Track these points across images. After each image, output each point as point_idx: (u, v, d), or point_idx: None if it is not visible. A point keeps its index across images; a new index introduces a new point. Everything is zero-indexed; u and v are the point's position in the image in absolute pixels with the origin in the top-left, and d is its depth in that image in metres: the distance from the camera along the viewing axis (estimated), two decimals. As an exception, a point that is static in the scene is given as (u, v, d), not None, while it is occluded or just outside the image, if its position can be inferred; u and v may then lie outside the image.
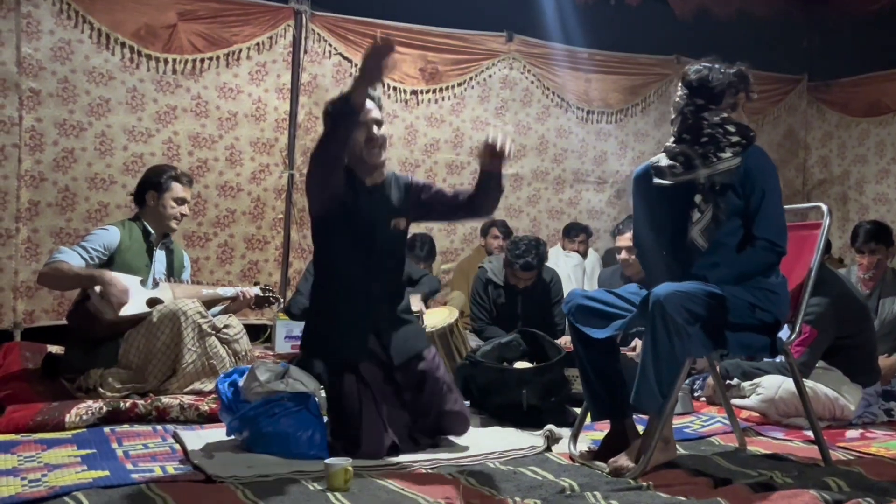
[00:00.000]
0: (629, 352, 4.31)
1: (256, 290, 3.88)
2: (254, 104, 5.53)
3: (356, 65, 5.49)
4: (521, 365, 3.48)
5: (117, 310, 3.34)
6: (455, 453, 2.76)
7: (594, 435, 3.02)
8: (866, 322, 3.53)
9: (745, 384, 3.60)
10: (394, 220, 2.89)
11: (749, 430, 3.23)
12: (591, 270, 5.86)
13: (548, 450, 2.84)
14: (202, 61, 5.35)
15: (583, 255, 5.93)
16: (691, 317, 2.48)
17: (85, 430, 2.96)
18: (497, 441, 2.95)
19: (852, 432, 3.31)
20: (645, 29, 6.69)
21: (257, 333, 5.39)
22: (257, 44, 5.49)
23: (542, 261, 4.53)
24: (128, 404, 3.14)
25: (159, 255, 3.69)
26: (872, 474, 2.51)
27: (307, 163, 2.83)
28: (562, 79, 6.50)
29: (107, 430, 2.97)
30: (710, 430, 3.23)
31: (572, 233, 6.01)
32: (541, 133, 6.51)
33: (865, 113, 7.01)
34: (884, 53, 6.73)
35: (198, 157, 5.39)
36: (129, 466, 2.48)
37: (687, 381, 3.78)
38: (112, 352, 3.39)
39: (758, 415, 3.46)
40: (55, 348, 4.04)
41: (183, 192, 3.68)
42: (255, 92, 5.53)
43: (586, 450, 2.81)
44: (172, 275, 3.72)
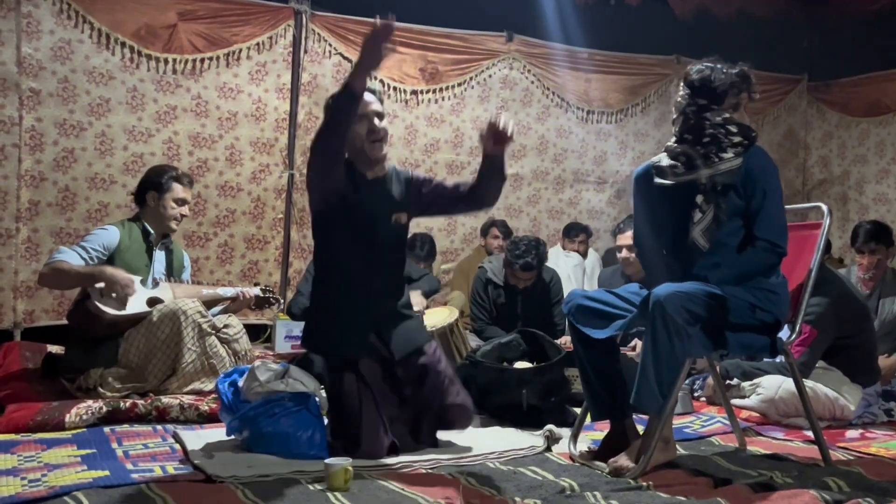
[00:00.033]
0: (629, 352, 4.31)
1: (257, 290, 3.88)
2: (254, 104, 5.53)
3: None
4: (521, 365, 3.48)
5: (124, 303, 3.33)
6: (455, 453, 2.76)
7: (594, 435, 3.02)
8: (866, 322, 3.53)
9: (745, 384, 3.60)
10: (395, 215, 2.88)
11: (749, 430, 3.23)
12: (591, 270, 5.86)
13: (548, 450, 2.84)
14: (202, 61, 5.35)
15: (583, 255, 5.92)
16: (691, 317, 2.48)
17: (85, 429, 2.96)
18: (497, 441, 2.95)
19: (852, 432, 3.31)
20: (645, 29, 6.69)
21: (257, 333, 5.39)
22: (257, 44, 5.49)
23: (541, 261, 4.53)
24: (128, 404, 3.14)
25: (159, 255, 3.69)
26: (872, 474, 2.51)
27: (308, 156, 2.80)
28: (562, 79, 6.50)
29: (107, 429, 2.97)
30: (710, 430, 3.23)
31: (572, 233, 6.01)
32: (541, 133, 6.51)
33: (865, 113, 7.01)
34: (884, 53, 6.73)
35: (198, 157, 5.39)
36: (129, 466, 2.48)
37: (687, 381, 3.78)
38: (112, 351, 3.38)
39: (758, 415, 3.46)
40: (55, 348, 4.04)
41: (183, 192, 3.68)
42: (256, 92, 5.53)
43: (586, 450, 2.81)
44: (172, 275, 3.72)
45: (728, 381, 3.63)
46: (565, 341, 4.15)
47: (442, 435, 2.90)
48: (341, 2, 5.67)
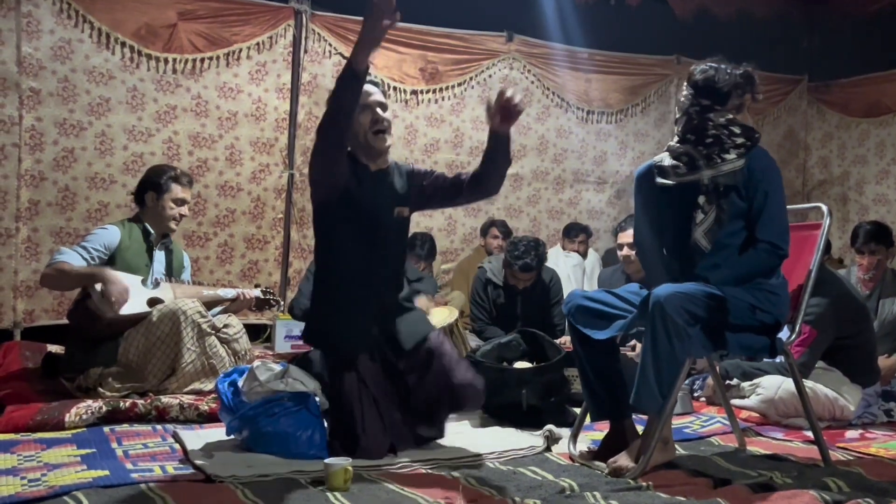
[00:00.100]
0: (629, 352, 4.30)
1: (257, 292, 3.88)
2: (254, 104, 5.53)
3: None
4: (520, 365, 3.48)
5: (117, 308, 3.33)
6: (455, 453, 2.76)
7: (594, 435, 3.02)
8: (866, 322, 3.53)
9: (744, 384, 3.60)
10: (397, 209, 2.87)
11: (749, 431, 3.23)
12: (591, 270, 5.86)
13: (547, 450, 2.84)
14: (202, 61, 5.36)
15: (583, 256, 5.92)
16: (691, 318, 2.48)
17: (84, 429, 2.96)
18: (497, 441, 2.95)
19: (852, 433, 3.31)
20: (645, 29, 6.69)
21: (257, 333, 5.39)
22: (257, 43, 5.49)
23: (541, 262, 4.53)
24: (127, 404, 3.14)
25: (159, 255, 3.69)
26: (872, 475, 2.52)
27: (313, 144, 2.77)
28: (562, 79, 6.51)
29: (106, 429, 2.97)
30: (709, 431, 3.23)
31: (572, 233, 6.01)
32: (541, 133, 6.51)
33: (865, 113, 7.02)
34: (884, 54, 6.73)
35: (198, 157, 5.39)
36: (129, 466, 2.48)
37: (687, 382, 3.78)
38: (112, 351, 3.38)
39: (757, 415, 3.46)
40: (55, 348, 4.04)
41: (182, 192, 3.68)
42: (255, 92, 5.53)
43: (586, 450, 2.82)
44: (172, 275, 3.71)
45: (728, 382, 3.63)
46: (565, 341, 4.15)
47: (445, 431, 2.91)
48: (341, 2, 5.67)
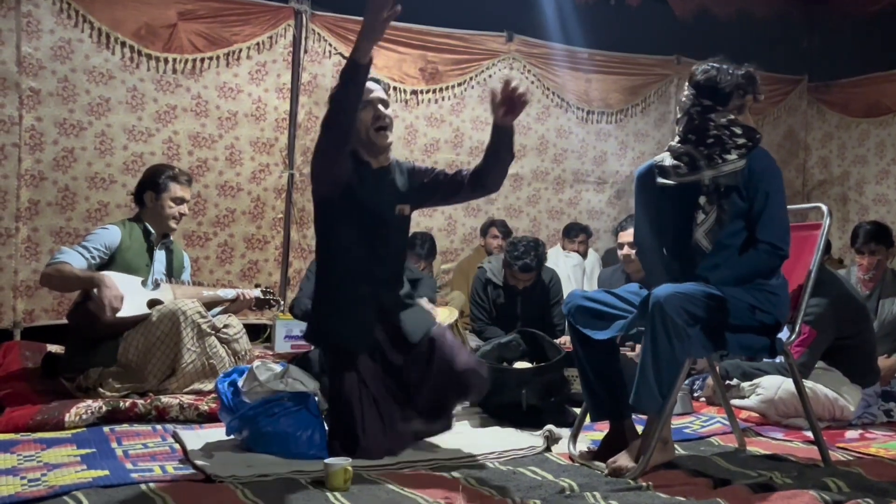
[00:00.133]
0: (629, 352, 4.30)
1: (257, 292, 3.88)
2: (254, 104, 5.54)
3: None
4: (520, 365, 3.48)
5: (110, 314, 3.32)
6: (455, 453, 2.76)
7: (594, 435, 3.02)
8: (866, 323, 3.53)
9: (744, 384, 3.60)
10: (399, 206, 2.87)
11: (749, 431, 3.23)
12: (591, 270, 5.86)
13: (547, 450, 2.84)
14: (202, 61, 5.36)
15: (583, 256, 5.93)
16: (691, 318, 2.48)
17: (84, 429, 2.96)
18: (497, 441, 2.95)
19: (852, 433, 3.31)
20: (645, 29, 6.69)
21: (257, 333, 5.39)
22: (257, 43, 5.50)
23: (540, 262, 4.53)
24: (127, 404, 3.14)
25: (159, 255, 3.68)
26: (872, 475, 2.52)
27: (317, 139, 2.77)
28: (562, 79, 6.51)
29: (106, 429, 2.97)
30: (709, 431, 3.23)
31: (572, 233, 6.01)
32: (541, 133, 6.51)
33: (865, 114, 7.02)
34: (884, 54, 6.74)
35: (198, 157, 5.39)
36: (129, 466, 2.48)
37: (686, 382, 3.78)
38: (112, 351, 3.38)
39: (757, 415, 3.46)
40: (55, 347, 4.04)
41: (181, 191, 3.67)
42: (255, 92, 5.53)
43: (586, 450, 2.82)
44: (172, 275, 3.71)
45: (728, 382, 3.63)
46: (565, 341, 4.15)
47: (445, 435, 2.91)
48: (341, 2, 5.67)
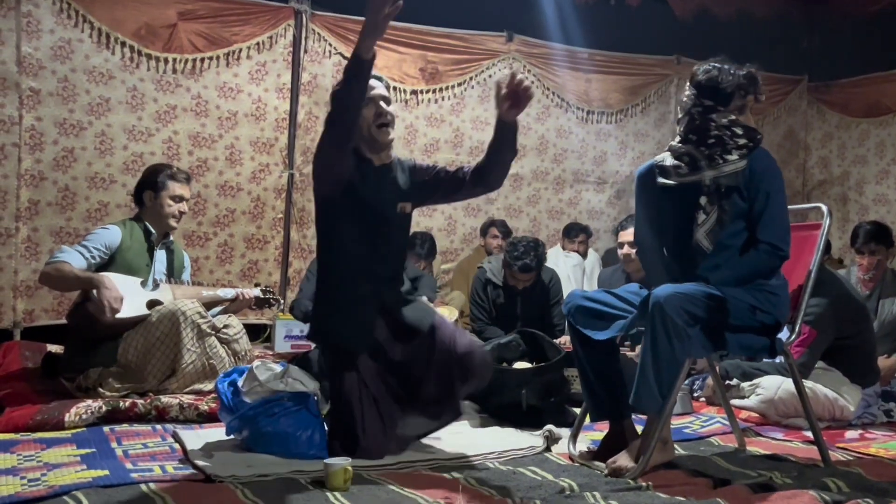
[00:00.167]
0: (629, 352, 4.30)
1: (256, 291, 3.88)
2: (254, 104, 5.54)
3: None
4: (520, 365, 3.48)
5: (109, 316, 3.31)
6: (455, 453, 2.76)
7: (593, 435, 3.02)
8: (865, 323, 3.53)
9: (744, 384, 3.59)
10: (400, 204, 2.87)
11: (748, 431, 3.23)
12: (591, 270, 5.86)
13: (547, 450, 2.84)
14: (202, 61, 5.36)
15: (583, 256, 5.92)
16: (691, 318, 2.48)
17: (84, 429, 2.96)
18: (497, 441, 2.95)
19: (852, 433, 3.31)
20: (645, 29, 6.70)
21: (257, 333, 5.39)
22: (257, 43, 5.50)
23: (540, 262, 4.52)
24: (127, 404, 3.14)
25: (160, 255, 3.68)
26: (872, 475, 2.52)
27: (318, 142, 2.76)
28: (562, 79, 6.51)
29: (106, 429, 2.97)
30: (709, 431, 3.23)
31: (572, 233, 6.01)
32: (541, 133, 6.51)
33: (865, 114, 7.02)
34: (884, 54, 6.74)
35: (198, 157, 5.39)
36: (129, 466, 2.48)
37: (686, 382, 3.78)
38: (111, 351, 3.37)
39: (757, 415, 3.46)
40: (55, 347, 4.04)
41: (180, 189, 3.66)
42: (255, 91, 5.53)
43: (585, 450, 2.82)
44: (173, 275, 3.71)
45: (727, 382, 3.63)
46: (565, 341, 4.15)
47: (442, 433, 2.91)
48: (341, 2, 5.67)
